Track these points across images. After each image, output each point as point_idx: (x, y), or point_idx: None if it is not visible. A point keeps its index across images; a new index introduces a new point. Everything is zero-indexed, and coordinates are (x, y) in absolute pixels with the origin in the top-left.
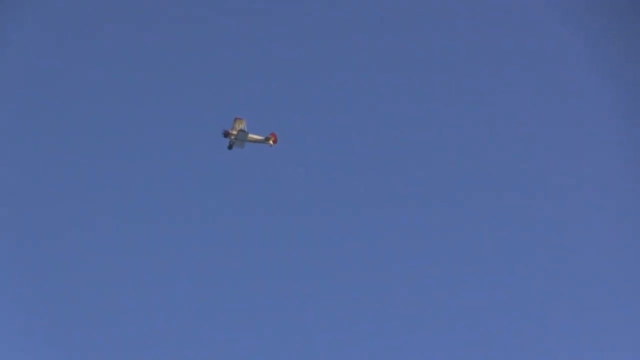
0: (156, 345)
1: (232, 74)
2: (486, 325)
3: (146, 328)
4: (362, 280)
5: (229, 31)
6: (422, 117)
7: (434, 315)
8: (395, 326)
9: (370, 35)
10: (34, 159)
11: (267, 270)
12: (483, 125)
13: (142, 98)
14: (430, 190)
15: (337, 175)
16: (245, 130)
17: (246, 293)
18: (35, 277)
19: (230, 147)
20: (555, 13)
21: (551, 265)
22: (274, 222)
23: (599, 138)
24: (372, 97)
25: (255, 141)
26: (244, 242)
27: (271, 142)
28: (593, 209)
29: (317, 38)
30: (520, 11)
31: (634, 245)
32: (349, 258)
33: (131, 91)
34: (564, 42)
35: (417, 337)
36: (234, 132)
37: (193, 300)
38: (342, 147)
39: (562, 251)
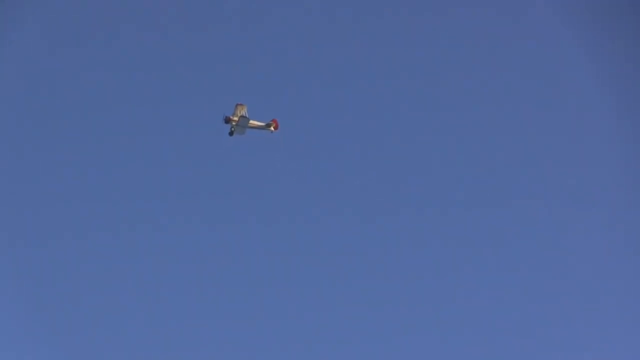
0: (157, 347)
1: (233, 62)
2: (487, 328)
3: (147, 330)
4: (362, 280)
5: (230, 20)
6: (423, 114)
7: (435, 319)
8: (396, 329)
9: (372, 29)
10: (35, 159)
11: (267, 269)
12: (483, 126)
13: (142, 94)
14: (431, 191)
15: (336, 170)
16: (247, 116)
17: (246, 293)
18: (36, 280)
19: (231, 134)
20: (555, 13)
21: (552, 268)
22: (275, 218)
23: (599, 139)
24: (373, 94)
25: (257, 127)
26: (245, 240)
27: (272, 128)
28: (594, 210)
29: (322, 32)
30: (520, 11)
31: (635, 246)
32: (348, 258)
33: (132, 87)
34: (563, 41)
35: (418, 341)
36: (235, 119)
37: (193, 301)
38: (341, 140)
39: (562, 253)
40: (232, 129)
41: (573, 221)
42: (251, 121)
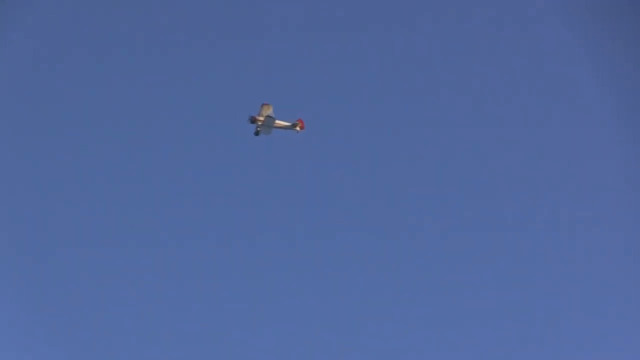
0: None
1: (256, 61)
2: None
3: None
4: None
5: (251, 18)
6: (423, 114)
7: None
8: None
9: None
10: (35, 160)
11: (273, 275)
12: (483, 128)
13: (157, 94)
14: (434, 191)
15: (344, 174)
16: (272, 116)
17: (257, 298)
18: (39, 281)
19: (256, 134)
20: (555, 13)
21: (554, 270)
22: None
23: (600, 139)
24: (382, 96)
25: (282, 127)
26: (254, 243)
27: (298, 128)
28: (597, 212)
29: (340, 32)
30: (520, 11)
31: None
32: (357, 260)
33: (143, 88)
34: (564, 41)
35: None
36: (261, 118)
37: (196, 305)
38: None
39: (565, 255)
40: (258, 129)
41: (576, 222)
42: (277, 121)
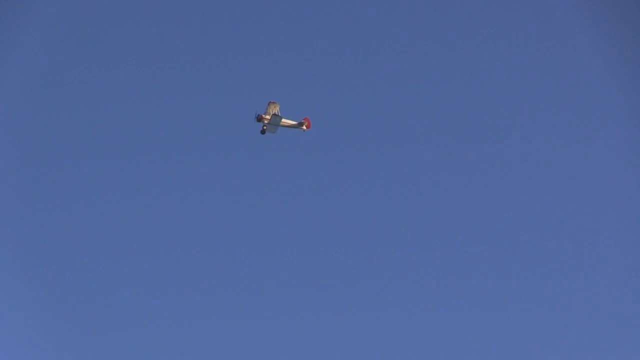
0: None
1: (265, 59)
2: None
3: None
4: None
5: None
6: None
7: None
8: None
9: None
10: (37, 160)
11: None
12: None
13: (159, 93)
14: (437, 189)
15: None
16: (279, 114)
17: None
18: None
19: (263, 132)
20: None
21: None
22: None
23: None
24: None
25: (288, 126)
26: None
27: (304, 127)
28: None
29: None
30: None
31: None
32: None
33: (145, 88)
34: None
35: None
36: (267, 117)
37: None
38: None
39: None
40: (264, 127)
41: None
42: (283, 119)
